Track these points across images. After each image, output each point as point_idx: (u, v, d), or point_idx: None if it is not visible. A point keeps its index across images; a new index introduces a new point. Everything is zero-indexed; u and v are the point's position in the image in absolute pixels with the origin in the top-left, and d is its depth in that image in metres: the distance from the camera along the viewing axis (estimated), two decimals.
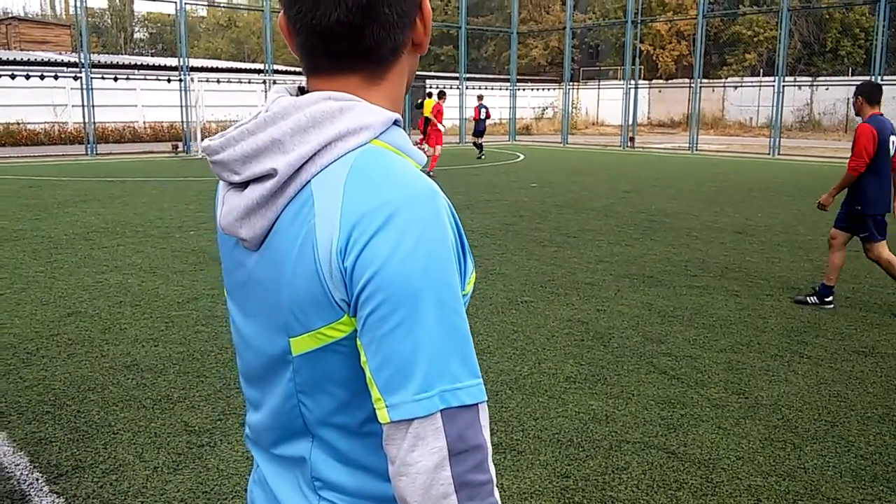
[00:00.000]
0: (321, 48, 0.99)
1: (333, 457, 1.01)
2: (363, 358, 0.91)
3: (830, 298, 6.29)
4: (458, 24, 31.64)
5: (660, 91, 42.89)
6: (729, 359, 5.04)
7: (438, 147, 17.72)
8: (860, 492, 3.33)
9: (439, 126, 17.70)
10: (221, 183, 1.06)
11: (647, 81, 42.00)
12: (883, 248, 6.11)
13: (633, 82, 29.57)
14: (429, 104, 18.11)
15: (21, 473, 3.42)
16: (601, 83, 43.04)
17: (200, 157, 22.35)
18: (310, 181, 0.94)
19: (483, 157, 22.59)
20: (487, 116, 23.16)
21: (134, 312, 5.97)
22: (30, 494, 3.26)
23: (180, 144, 24.54)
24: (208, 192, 13.61)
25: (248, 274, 1.04)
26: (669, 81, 43.41)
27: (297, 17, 0.98)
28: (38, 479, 3.38)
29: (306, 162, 0.94)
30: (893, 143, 6.09)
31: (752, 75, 40.99)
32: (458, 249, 0.95)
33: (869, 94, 6.11)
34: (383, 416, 0.89)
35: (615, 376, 4.70)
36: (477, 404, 0.89)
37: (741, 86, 39.44)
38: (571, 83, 34.19)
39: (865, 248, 6.19)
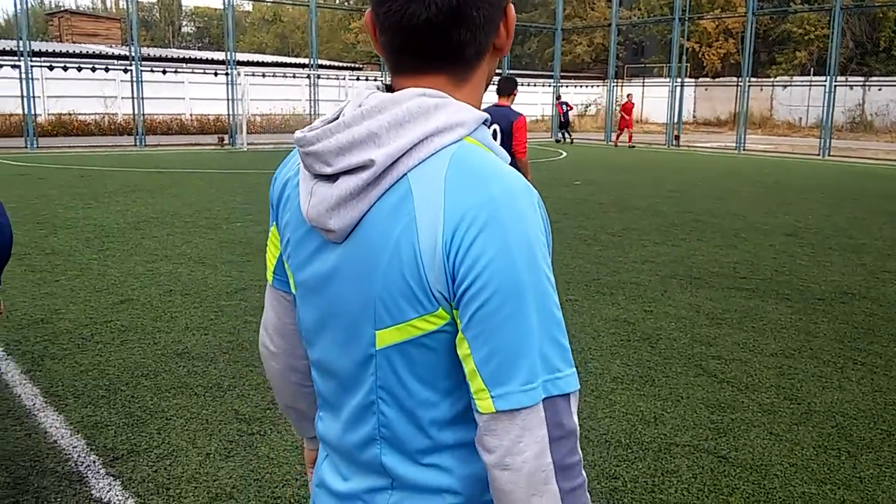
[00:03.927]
0: (409, 47, 1.00)
1: (408, 457, 1.02)
2: (465, 351, 0.94)
3: None
4: None
5: (706, 89, 42.24)
6: (780, 363, 4.94)
7: None
8: None
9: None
10: (302, 175, 1.04)
11: (692, 79, 41.37)
12: None
13: (678, 80, 29.17)
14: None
15: (78, 456, 3.51)
16: (646, 80, 42.49)
17: (246, 150, 22.69)
18: (406, 174, 0.96)
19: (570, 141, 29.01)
20: (570, 109, 29.62)
21: (184, 301, 6.07)
22: (87, 476, 3.34)
23: (226, 137, 24.90)
24: (254, 185, 13.78)
25: (330, 266, 1.04)
26: (716, 80, 42.74)
27: (385, 15, 0.99)
28: (94, 462, 3.46)
29: (403, 155, 0.96)
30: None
31: (801, 74, 40.08)
32: (549, 241, 0.99)
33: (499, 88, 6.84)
34: (487, 406, 0.92)
35: (663, 378, 4.64)
36: (571, 393, 0.93)
37: (790, 85, 38.62)
38: (616, 80, 33.82)
39: None
